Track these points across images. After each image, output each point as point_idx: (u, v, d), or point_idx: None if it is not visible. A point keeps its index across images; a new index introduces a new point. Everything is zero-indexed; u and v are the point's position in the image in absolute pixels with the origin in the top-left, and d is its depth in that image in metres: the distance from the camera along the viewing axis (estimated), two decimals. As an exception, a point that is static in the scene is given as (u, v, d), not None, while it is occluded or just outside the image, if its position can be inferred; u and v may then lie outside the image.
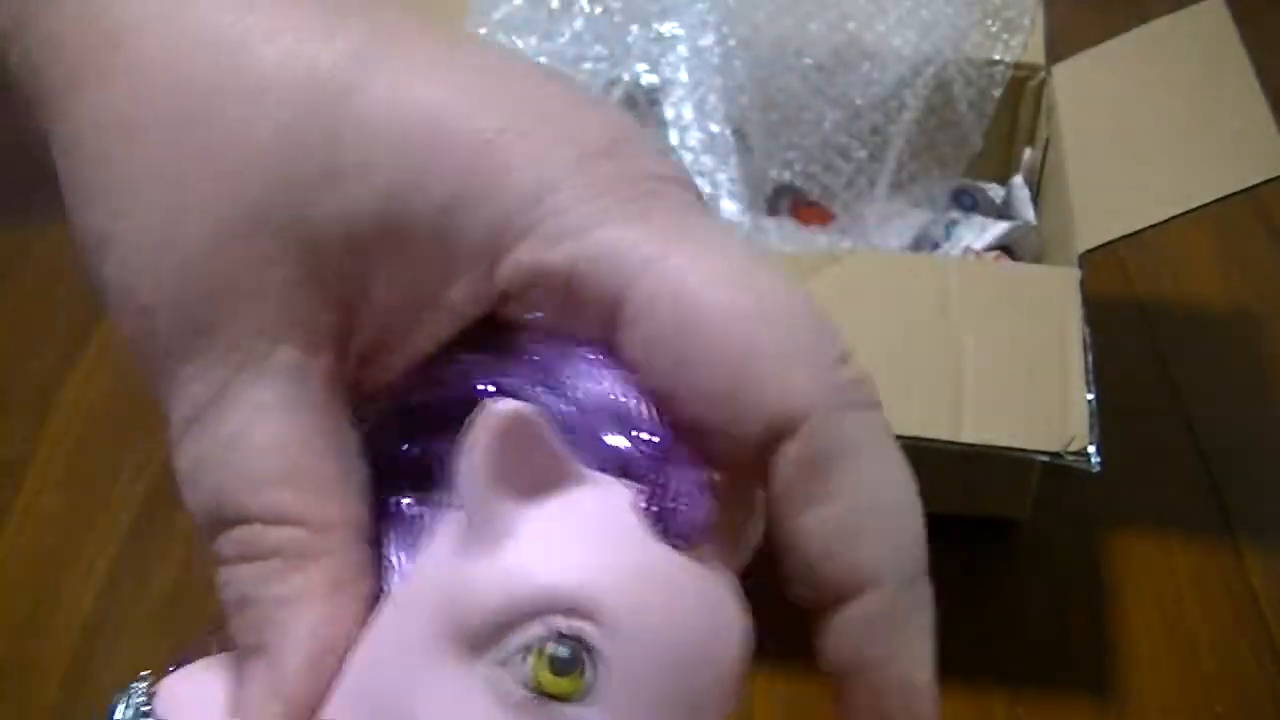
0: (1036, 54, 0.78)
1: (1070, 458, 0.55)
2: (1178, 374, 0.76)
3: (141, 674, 0.26)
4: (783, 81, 0.75)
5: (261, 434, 0.22)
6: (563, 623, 0.22)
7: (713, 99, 0.70)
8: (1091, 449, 0.55)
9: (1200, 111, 0.68)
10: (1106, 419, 0.56)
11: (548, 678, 0.22)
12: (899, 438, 0.24)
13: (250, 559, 0.23)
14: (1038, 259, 0.74)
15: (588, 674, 0.22)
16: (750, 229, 0.64)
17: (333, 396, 0.23)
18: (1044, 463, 0.57)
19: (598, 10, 0.74)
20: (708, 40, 0.72)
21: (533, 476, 0.22)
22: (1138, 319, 0.80)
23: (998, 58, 0.77)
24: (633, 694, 0.22)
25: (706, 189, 0.65)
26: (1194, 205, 0.62)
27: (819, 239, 0.72)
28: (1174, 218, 0.62)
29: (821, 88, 0.75)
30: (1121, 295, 0.81)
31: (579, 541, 0.22)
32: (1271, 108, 0.63)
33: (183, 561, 0.64)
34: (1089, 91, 0.74)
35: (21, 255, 0.82)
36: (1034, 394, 0.57)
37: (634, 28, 0.73)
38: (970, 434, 0.56)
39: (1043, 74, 0.77)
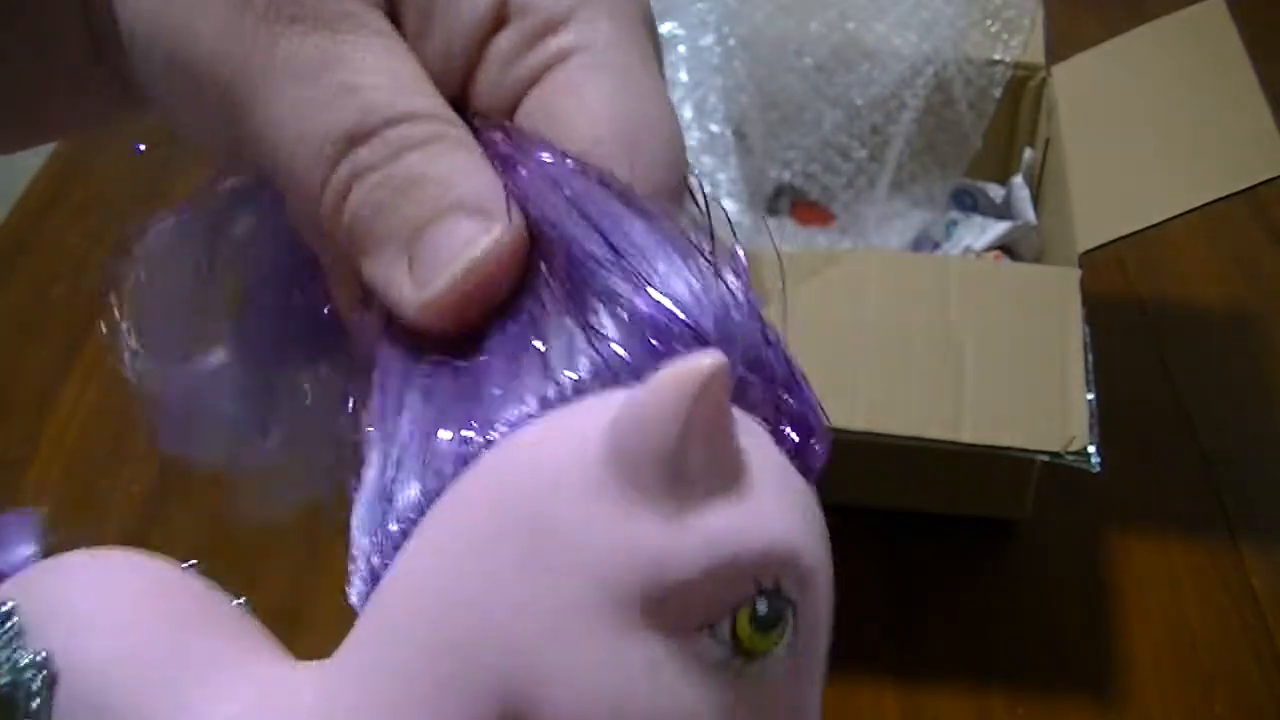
0: (1036, 54, 0.78)
1: (1070, 458, 0.55)
2: (1178, 374, 0.76)
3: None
4: (783, 81, 0.75)
5: (392, 60, 0.24)
6: (769, 580, 0.21)
7: (713, 99, 0.70)
8: (1091, 449, 0.55)
9: (1200, 111, 0.68)
10: (1106, 419, 0.56)
11: (751, 636, 0.21)
12: (899, 438, 0.24)
13: (411, 148, 0.24)
14: (1038, 259, 0.74)
15: (785, 625, 0.21)
16: (750, 229, 0.64)
17: None
18: (1044, 463, 0.57)
19: (598, 10, 0.74)
20: (708, 40, 0.72)
21: (709, 426, 0.21)
22: (1138, 319, 0.80)
23: (998, 58, 0.77)
24: (808, 635, 0.22)
25: (706, 189, 0.65)
26: (1194, 205, 0.62)
27: (819, 239, 0.72)
28: (1174, 218, 0.62)
29: (821, 88, 0.75)
30: (1121, 295, 0.81)
31: (771, 495, 0.22)
32: (1271, 108, 0.63)
33: (182, 562, 0.64)
34: (1089, 91, 0.74)
35: (21, 255, 0.82)
36: (1034, 394, 0.57)
37: (634, 28, 0.73)
38: (970, 434, 0.56)
39: (1043, 74, 0.77)
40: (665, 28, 0.73)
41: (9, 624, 0.24)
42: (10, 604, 0.24)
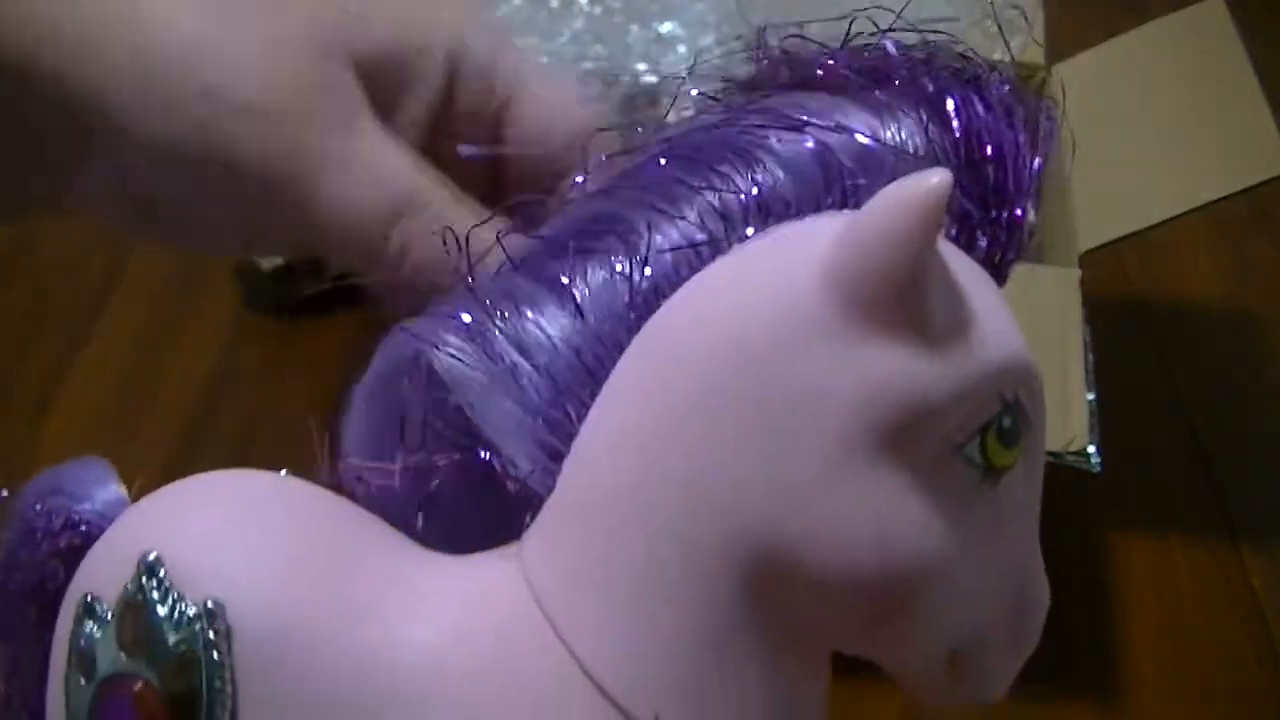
0: (1036, 54, 0.78)
1: (1070, 458, 0.55)
2: (1178, 374, 0.76)
3: None
4: (783, 81, 0.75)
5: (391, 147, 0.34)
6: (1010, 394, 0.21)
7: (713, 99, 0.70)
8: (1091, 449, 0.54)
9: (1200, 111, 0.68)
10: (1106, 419, 0.56)
11: (999, 453, 0.21)
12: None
13: (441, 219, 0.32)
14: (1038, 259, 0.74)
15: (1025, 436, 0.21)
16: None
17: None
18: (1044, 463, 0.56)
19: (598, 10, 0.74)
20: (708, 40, 0.72)
21: (935, 245, 0.20)
22: (1138, 319, 0.80)
23: (998, 58, 0.77)
24: (1037, 438, 0.22)
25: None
26: (1194, 205, 0.62)
27: (819, 239, 0.72)
28: (1174, 218, 0.62)
29: (821, 88, 0.75)
30: (1121, 295, 0.81)
31: (993, 308, 0.21)
32: (1271, 108, 0.63)
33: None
34: (1089, 91, 0.74)
35: (21, 255, 0.82)
36: (1034, 394, 0.57)
37: (634, 28, 0.73)
38: (970, 434, 0.56)
39: (1043, 74, 0.77)
40: (665, 28, 0.73)
41: (160, 574, 0.21)
42: (155, 552, 0.21)
